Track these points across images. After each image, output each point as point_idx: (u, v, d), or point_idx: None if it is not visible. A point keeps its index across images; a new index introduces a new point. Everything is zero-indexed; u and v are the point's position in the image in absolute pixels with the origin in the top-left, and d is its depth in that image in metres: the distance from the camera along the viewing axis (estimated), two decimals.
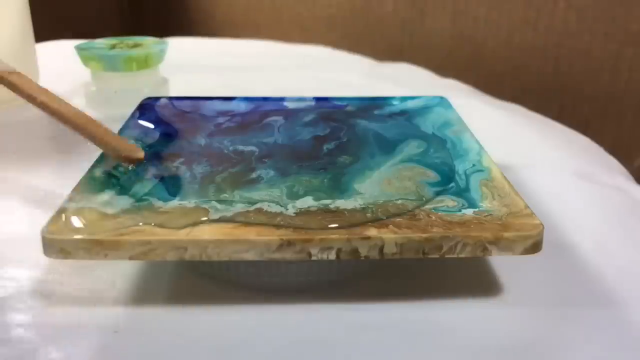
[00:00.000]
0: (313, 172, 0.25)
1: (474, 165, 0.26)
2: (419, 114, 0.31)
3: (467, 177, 0.25)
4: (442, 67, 0.56)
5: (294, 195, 0.23)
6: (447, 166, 0.26)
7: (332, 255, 0.21)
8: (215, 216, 0.22)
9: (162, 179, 0.25)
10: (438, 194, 0.24)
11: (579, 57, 0.57)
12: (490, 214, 0.22)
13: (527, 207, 0.23)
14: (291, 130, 0.30)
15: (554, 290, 0.24)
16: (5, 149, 0.36)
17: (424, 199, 0.23)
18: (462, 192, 0.24)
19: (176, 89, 0.42)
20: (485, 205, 0.23)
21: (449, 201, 0.23)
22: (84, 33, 0.53)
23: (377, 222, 0.22)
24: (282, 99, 0.33)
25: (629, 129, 0.57)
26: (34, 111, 0.42)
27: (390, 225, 0.21)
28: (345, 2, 0.66)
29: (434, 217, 0.22)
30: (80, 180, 0.24)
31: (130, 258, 0.21)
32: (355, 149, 0.28)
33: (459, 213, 0.22)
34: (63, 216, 0.21)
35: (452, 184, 0.25)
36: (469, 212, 0.23)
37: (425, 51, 0.64)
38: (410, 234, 0.21)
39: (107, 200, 0.23)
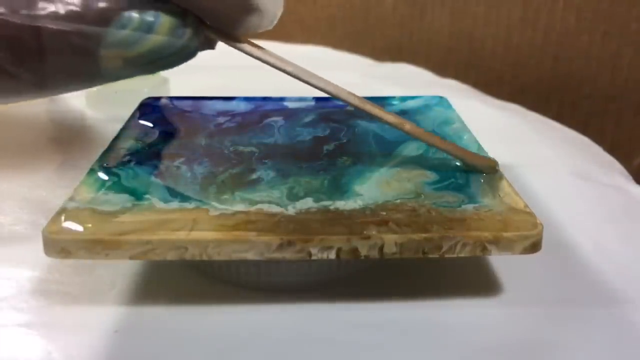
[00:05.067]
0: (313, 174, 0.25)
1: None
2: (418, 113, 0.31)
3: (467, 173, 0.25)
4: (442, 67, 0.56)
5: (294, 197, 0.23)
6: (446, 166, 0.26)
7: (332, 255, 0.21)
8: (215, 216, 0.22)
9: (162, 179, 0.25)
10: (438, 189, 0.24)
11: (578, 56, 0.57)
12: (490, 210, 0.22)
13: (526, 206, 0.23)
14: (291, 130, 0.30)
15: (553, 289, 0.24)
16: (5, 149, 0.36)
17: (422, 196, 0.23)
18: (462, 188, 0.24)
19: (176, 89, 0.42)
20: (485, 200, 0.23)
21: (449, 197, 0.23)
22: None
23: (376, 220, 0.22)
24: (282, 99, 0.33)
25: (629, 128, 0.57)
26: (33, 111, 0.42)
27: (390, 222, 0.22)
28: (345, 1, 0.66)
29: (433, 213, 0.22)
30: (81, 180, 0.24)
31: (131, 258, 0.21)
32: (355, 150, 0.28)
33: (459, 209, 0.23)
34: (64, 216, 0.21)
35: (452, 179, 0.25)
36: (469, 207, 0.23)
37: (424, 50, 0.64)
38: (410, 234, 0.21)
39: (107, 200, 0.23)
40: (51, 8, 0.18)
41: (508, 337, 0.22)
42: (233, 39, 0.23)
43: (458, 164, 0.26)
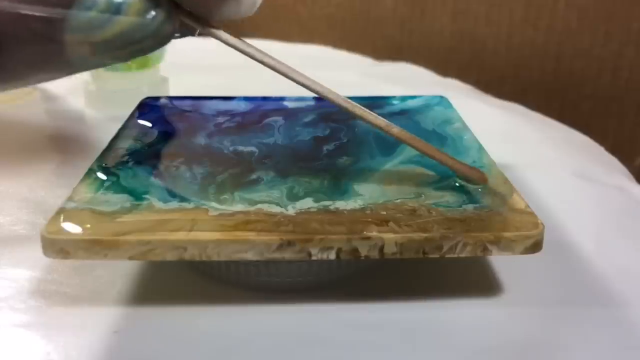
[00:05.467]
0: (313, 174, 0.25)
1: (474, 162, 0.26)
2: (419, 113, 0.31)
3: None
4: (442, 66, 0.56)
5: (293, 197, 0.23)
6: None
7: (332, 255, 0.21)
8: (215, 216, 0.22)
9: (161, 179, 0.25)
10: (438, 189, 0.24)
11: (579, 56, 0.57)
12: (491, 210, 0.22)
13: (527, 206, 0.23)
14: (291, 130, 0.30)
15: (554, 290, 0.24)
16: (4, 149, 0.36)
17: (423, 196, 0.23)
18: (463, 187, 0.24)
19: (176, 89, 0.42)
20: (485, 200, 0.23)
21: (449, 196, 0.23)
22: None
23: (377, 220, 0.22)
24: (282, 99, 0.33)
25: (630, 128, 0.57)
26: (32, 110, 0.42)
27: (391, 222, 0.21)
28: (345, 1, 0.66)
29: (434, 213, 0.22)
30: (80, 180, 0.24)
31: (130, 258, 0.21)
32: (355, 150, 0.28)
33: (459, 209, 0.22)
34: (62, 216, 0.21)
35: (452, 179, 0.25)
36: (470, 207, 0.23)
37: (425, 50, 0.64)
38: (410, 234, 0.21)
39: (106, 200, 0.23)
40: None
41: (508, 337, 0.22)
42: (209, 25, 0.21)
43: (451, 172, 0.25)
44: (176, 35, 0.21)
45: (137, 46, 0.19)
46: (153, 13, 0.19)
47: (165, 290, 0.24)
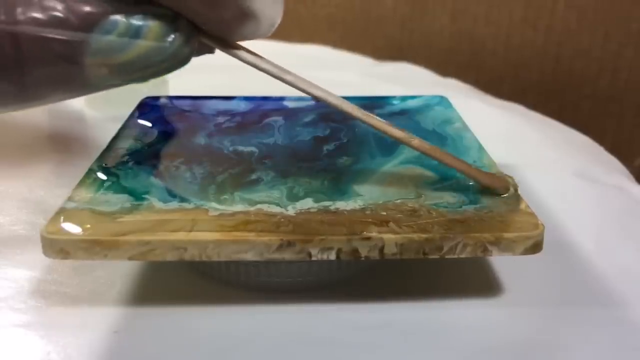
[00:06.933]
0: (313, 174, 0.25)
1: (474, 162, 0.26)
2: (419, 113, 0.31)
3: None
4: (442, 66, 0.56)
5: (293, 197, 0.23)
6: (446, 167, 0.26)
7: (332, 256, 0.21)
8: (215, 217, 0.22)
9: (162, 179, 0.25)
10: (438, 190, 0.24)
11: (579, 56, 0.57)
12: (491, 210, 0.22)
13: (527, 206, 0.23)
14: (291, 130, 0.30)
15: (554, 290, 0.24)
16: (4, 149, 0.36)
17: (423, 196, 0.23)
18: (463, 188, 0.24)
19: (176, 89, 0.42)
20: (486, 201, 0.23)
21: (449, 197, 0.23)
22: None
23: (377, 220, 0.22)
24: (282, 99, 0.33)
25: (630, 128, 0.57)
26: (32, 110, 0.42)
27: (391, 223, 0.21)
28: (345, 1, 0.66)
29: (434, 214, 0.22)
30: (80, 180, 0.24)
31: (130, 258, 0.21)
32: (355, 150, 0.28)
33: (459, 209, 0.22)
34: (62, 216, 0.21)
35: (453, 179, 0.25)
36: (470, 207, 0.23)
37: (425, 50, 0.64)
38: (410, 234, 0.21)
39: (106, 200, 0.23)
40: (31, 13, 0.17)
41: (509, 338, 0.22)
42: (228, 46, 0.22)
43: (471, 183, 0.24)
44: (195, 54, 0.21)
45: (156, 68, 0.19)
46: (172, 37, 0.19)
47: (165, 290, 0.24)
